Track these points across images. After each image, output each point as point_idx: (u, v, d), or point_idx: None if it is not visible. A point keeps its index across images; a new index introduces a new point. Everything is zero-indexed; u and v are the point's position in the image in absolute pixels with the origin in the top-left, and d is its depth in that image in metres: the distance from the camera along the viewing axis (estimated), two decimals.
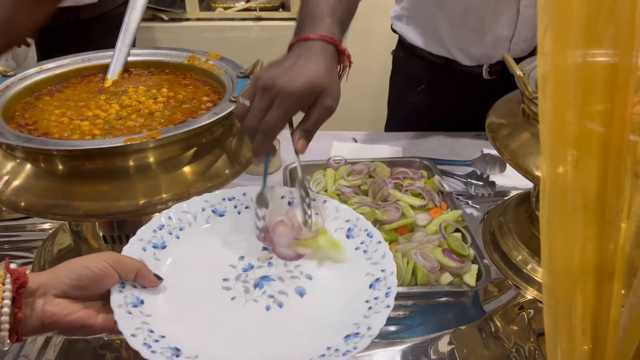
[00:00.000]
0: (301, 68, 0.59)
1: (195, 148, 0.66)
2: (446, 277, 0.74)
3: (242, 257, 0.57)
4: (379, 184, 0.89)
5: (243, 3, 2.27)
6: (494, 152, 1.05)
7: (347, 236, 0.60)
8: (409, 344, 0.70)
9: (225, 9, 2.26)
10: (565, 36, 0.32)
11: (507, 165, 1.03)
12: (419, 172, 0.96)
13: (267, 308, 0.52)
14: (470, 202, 0.97)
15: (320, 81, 0.59)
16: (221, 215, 0.62)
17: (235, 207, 0.63)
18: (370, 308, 0.50)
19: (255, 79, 0.60)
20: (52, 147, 0.59)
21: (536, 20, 1.09)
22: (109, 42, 0.85)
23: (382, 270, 0.54)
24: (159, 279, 0.52)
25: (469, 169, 1.02)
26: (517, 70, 0.68)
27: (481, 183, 0.99)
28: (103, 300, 0.48)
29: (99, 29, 1.46)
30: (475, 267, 0.75)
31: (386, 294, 0.51)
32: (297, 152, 0.62)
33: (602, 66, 0.32)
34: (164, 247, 0.57)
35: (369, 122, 1.48)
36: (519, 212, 0.89)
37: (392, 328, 0.72)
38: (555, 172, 0.36)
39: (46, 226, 0.91)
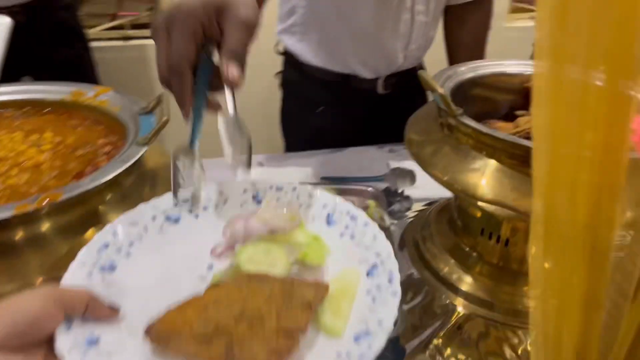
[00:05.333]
0: None
1: (102, 205, 0.56)
2: None
3: (210, 267, 0.48)
4: None
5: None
6: (401, 165, 1.07)
7: (328, 222, 0.52)
8: None
9: (90, 27, 2.06)
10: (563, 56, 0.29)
11: (417, 176, 1.04)
12: (367, 201, 0.93)
13: None
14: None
15: None
16: (176, 221, 0.52)
17: (190, 210, 0.53)
18: (374, 299, 0.43)
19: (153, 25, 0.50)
20: None
21: (428, 27, 1.17)
22: None
23: (377, 254, 0.47)
24: (115, 309, 0.42)
25: (383, 185, 1.02)
26: (439, 89, 0.67)
27: (398, 199, 0.99)
28: (49, 344, 0.39)
29: None
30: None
31: (389, 279, 0.44)
32: (230, 85, 0.49)
33: (598, 90, 0.30)
34: (113, 269, 0.46)
35: (267, 145, 1.44)
36: (441, 222, 0.89)
37: None
38: (550, 205, 0.34)
39: None
